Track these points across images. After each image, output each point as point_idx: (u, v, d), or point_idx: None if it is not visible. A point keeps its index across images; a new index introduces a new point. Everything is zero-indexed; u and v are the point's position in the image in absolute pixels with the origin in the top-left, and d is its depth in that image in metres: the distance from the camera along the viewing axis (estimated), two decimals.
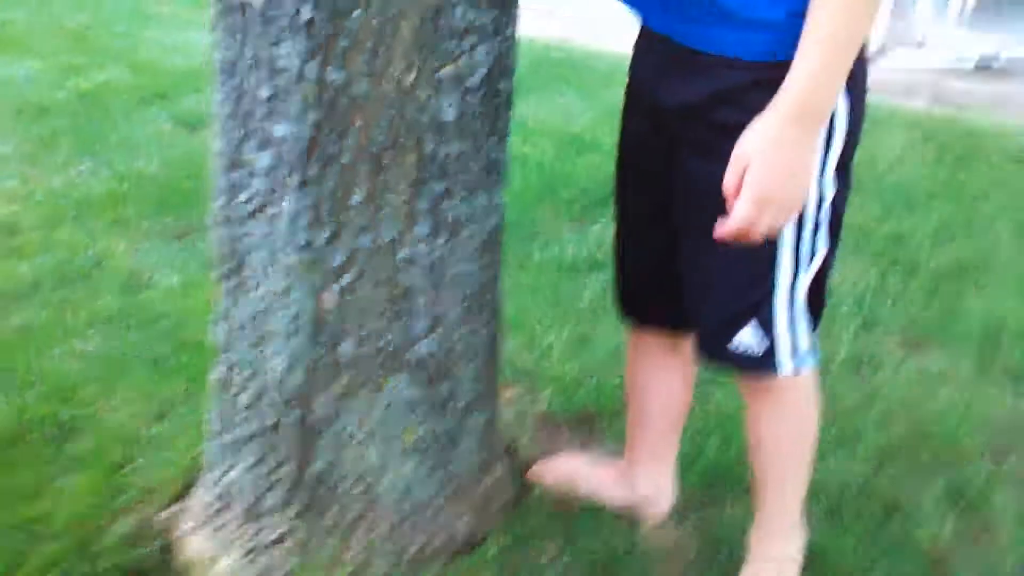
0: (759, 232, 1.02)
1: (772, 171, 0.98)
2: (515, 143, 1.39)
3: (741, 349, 1.19)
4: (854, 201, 1.15)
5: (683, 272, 1.24)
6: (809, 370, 1.24)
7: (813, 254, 1.15)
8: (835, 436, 1.83)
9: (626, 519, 1.53)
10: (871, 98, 1.16)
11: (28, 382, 1.82)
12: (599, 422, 1.83)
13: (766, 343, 1.18)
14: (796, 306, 1.17)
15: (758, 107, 1.01)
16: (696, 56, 1.09)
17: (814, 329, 1.24)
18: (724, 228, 1.02)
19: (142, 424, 1.72)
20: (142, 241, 2.57)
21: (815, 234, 1.14)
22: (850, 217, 1.16)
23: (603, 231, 2.69)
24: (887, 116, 4.16)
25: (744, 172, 0.99)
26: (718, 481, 1.66)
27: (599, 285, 2.35)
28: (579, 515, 1.52)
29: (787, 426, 1.31)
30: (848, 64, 0.98)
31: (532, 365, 2.01)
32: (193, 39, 5.45)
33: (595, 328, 2.17)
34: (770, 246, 1.11)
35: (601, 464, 1.63)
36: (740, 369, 1.24)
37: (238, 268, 1.25)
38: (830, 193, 1.12)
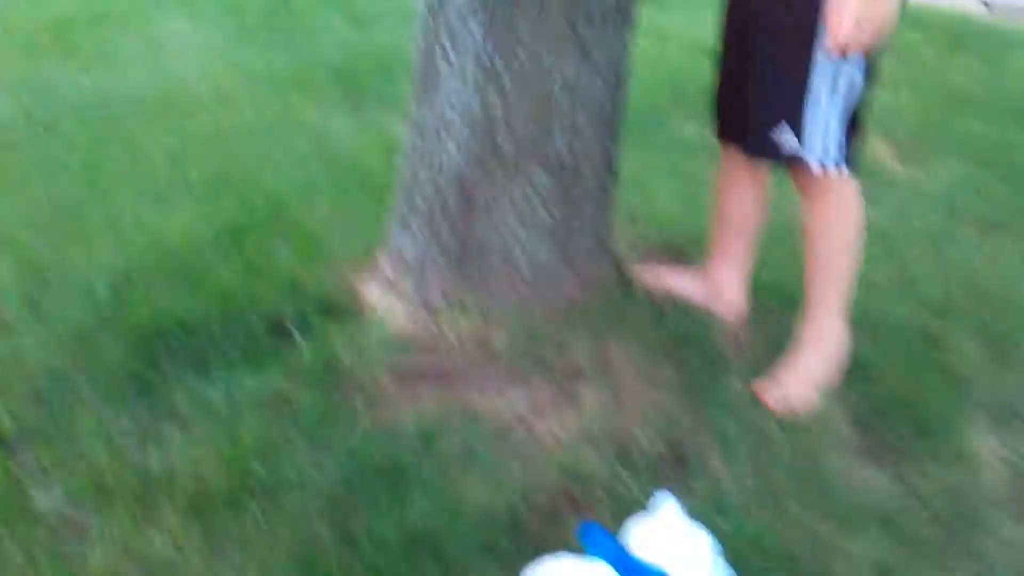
0: (858, 45, 1.46)
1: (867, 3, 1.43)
2: (649, 47, 1.76)
3: (779, 142, 1.59)
4: None
5: (749, 88, 1.65)
6: (838, 174, 1.62)
7: (846, 84, 1.55)
8: (895, 285, 2.14)
9: (705, 313, 1.92)
10: None
11: (249, 192, 2.38)
12: (692, 255, 2.20)
13: (796, 141, 1.58)
14: (828, 119, 1.56)
15: None
16: None
17: (852, 150, 1.62)
18: (834, 41, 1.47)
19: (335, 222, 2.22)
20: (325, 107, 3.10)
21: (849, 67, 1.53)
22: None
23: None
24: None
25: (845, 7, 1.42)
26: (784, 297, 2.00)
27: (712, 164, 2.69)
28: (668, 303, 1.91)
29: (831, 222, 1.68)
30: None
31: (643, 212, 2.39)
32: None
33: (701, 192, 2.52)
34: (805, 68, 1.53)
35: (689, 269, 2.03)
36: (776, 159, 1.65)
37: (433, 80, 1.69)
38: None
